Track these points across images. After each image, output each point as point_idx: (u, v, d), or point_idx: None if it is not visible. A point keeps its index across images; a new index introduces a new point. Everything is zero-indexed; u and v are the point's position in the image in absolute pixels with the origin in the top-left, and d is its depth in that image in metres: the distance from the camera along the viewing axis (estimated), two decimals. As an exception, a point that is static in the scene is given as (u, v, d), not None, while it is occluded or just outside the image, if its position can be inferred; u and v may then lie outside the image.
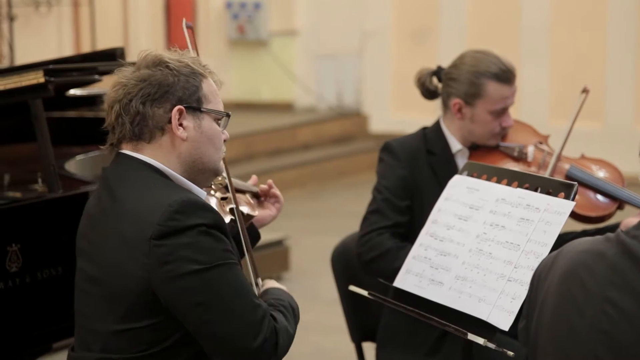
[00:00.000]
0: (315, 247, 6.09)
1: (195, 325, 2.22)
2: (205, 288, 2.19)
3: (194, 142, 2.32)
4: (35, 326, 3.10)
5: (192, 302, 2.19)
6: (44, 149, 3.18)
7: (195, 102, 2.32)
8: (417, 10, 9.83)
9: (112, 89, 2.34)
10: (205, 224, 2.21)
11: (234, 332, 2.21)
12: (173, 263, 2.18)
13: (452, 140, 3.33)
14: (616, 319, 1.81)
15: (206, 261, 2.19)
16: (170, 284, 2.18)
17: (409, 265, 2.79)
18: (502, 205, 2.66)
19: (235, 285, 2.22)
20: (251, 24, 10.20)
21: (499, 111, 3.27)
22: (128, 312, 2.23)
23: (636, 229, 1.88)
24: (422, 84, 3.41)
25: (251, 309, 2.23)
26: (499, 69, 3.25)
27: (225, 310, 2.20)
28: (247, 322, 2.22)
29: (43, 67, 3.19)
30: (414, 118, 10.21)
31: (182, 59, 2.35)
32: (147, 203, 2.23)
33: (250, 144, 8.88)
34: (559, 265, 1.94)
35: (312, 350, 5.05)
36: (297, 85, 10.21)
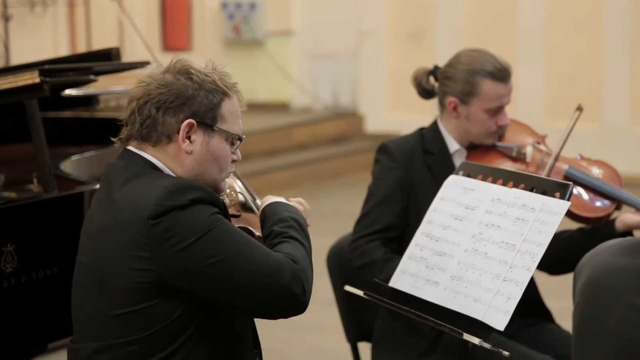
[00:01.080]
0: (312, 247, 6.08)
1: (218, 286, 2.22)
2: (214, 246, 2.21)
3: (198, 157, 2.33)
4: (30, 326, 3.10)
5: (206, 264, 2.20)
6: (40, 149, 3.18)
7: (210, 119, 2.32)
8: (413, 10, 9.84)
9: (136, 84, 2.36)
10: (199, 198, 2.23)
11: (258, 274, 2.22)
12: (175, 237, 2.19)
13: (449, 140, 3.32)
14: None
15: (206, 226, 2.21)
16: (178, 256, 2.20)
17: (404, 265, 2.79)
18: (498, 206, 2.66)
19: (240, 236, 2.26)
20: (247, 24, 10.20)
21: (494, 109, 3.27)
22: (122, 296, 2.24)
23: None
24: (419, 84, 3.41)
25: (266, 252, 2.26)
26: (494, 67, 3.26)
27: (241, 256, 2.22)
28: (268, 262, 2.23)
29: (38, 67, 3.18)
30: (410, 118, 10.22)
31: (209, 73, 2.34)
32: (142, 188, 2.25)
33: (246, 144, 8.73)
34: (591, 266, 1.93)
35: (308, 350, 5.05)
36: (293, 86, 10.21)
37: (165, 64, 2.39)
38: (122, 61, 4.01)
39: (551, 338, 3.24)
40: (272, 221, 2.43)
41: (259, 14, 10.23)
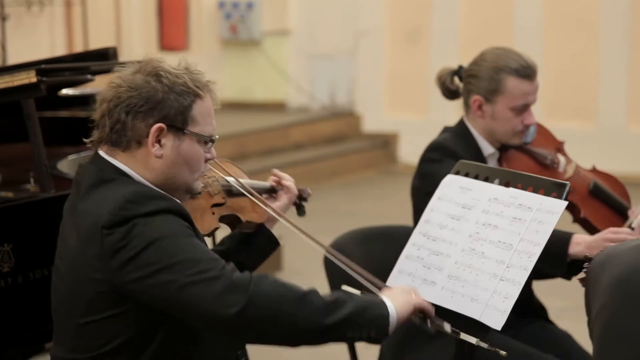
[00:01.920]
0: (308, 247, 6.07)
1: (162, 294, 2.17)
2: (159, 257, 2.16)
3: (168, 161, 2.30)
4: (27, 327, 3.09)
5: (150, 272, 2.16)
6: (36, 149, 3.18)
7: (181, 122, 2.29)
8: (411, 10, 9.84)
9: (107, 85, 2.33)
10: (157, 209, 2.20)
11: (197, 291, 2.14)
12: (124, 248, 2.17)
13: (482, 143, 3.26)
14: None
15: (158, 235, 2.17)
16: (125, 267, 2.18)
17: (401, 265, 2.79)
18: (495, 205, 2.66)
19: (192, 248, 2.18)
20: (244, 23, 10.20)
21: (520, 108, 3.21)
22: (88, 305, 2.24)
23: None
24: (443, 84, 3.35)
25: (212, 258, 2.18)
26: (520, 65, 3.21)
27: (183, 269, 2.15)
28: (207, 275, 2.15)
29: (35, 66, 3.18)
30: (406, 118, 10.24)
31: (180, 74, 2.30)
32: (105, 197, 2.23)
33: (243, 143, 8.88)
34: (615, 266, 1.91)
35: (305, 350, 5.04)
36: (290, 85, 10.21)
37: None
38: (119, 61, 4.00)
39: (551, 337, 3.24)
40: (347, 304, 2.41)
41: (256, 13, 10.22)
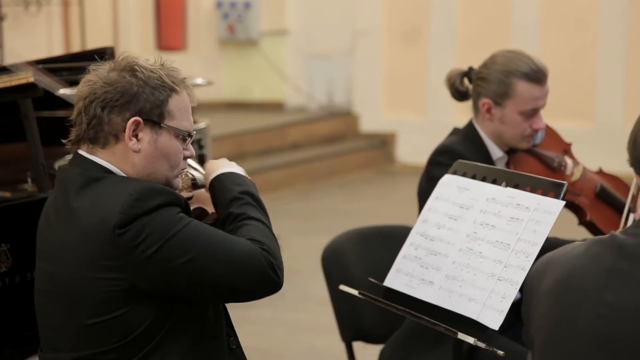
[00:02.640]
0: (306, 246, 6.09)
1: (195, 283, 2.23)
2: (183, 246, 2.21)
3: (146, 155, 2.30)
4: (24, 326, 3.09)
5: (178, 264, 2.20)
6: (34, 149, 3.18)
7: (157, 116, 2.29)
8: (408, 10, 9.84)
9: (82, 84, 2.33)
10: (164, 203, 2.22)
11: (230, 266, 2.24)
12: (144, 243, 2.19)
13: (491, 146, 3.25)
14: (612, 320, 1.80)
15: (172, 228, 2.21)
16: (149, 262, 2.19)
17: (399, 264, 2.79)
18: (493, 205, 2.66)
19: (208, 230, 2.26)
20: (241, 23, 10.20)
21: (529, 112, 3.20)
22: (96, 305, 2.23)
23: (634, 227, 1.88)
24: (452, 85, 3.33)
25: (233, 242, 2.26)
26: (530, 69, 3.19)
27: (210, 251, 2.23)
28: (237, 253, 2.25)
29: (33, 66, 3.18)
30: (404, 118, 10.24)
31: (155, 69, 2.31)
32: (106, 196, 2.23)
33: (241, 143, 8.88)
34: (554, 271, 1.93)
35: (303, 350, 5.05)
36: (288, 85, 10.21)
37: None
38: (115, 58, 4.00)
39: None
40: (225, 201, 2.42)
41: (253, 13, 10.22)
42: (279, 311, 5.08)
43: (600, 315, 1.82)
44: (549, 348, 1.91)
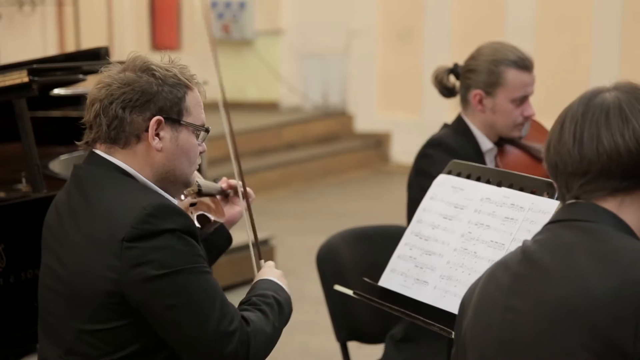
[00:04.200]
0: (301, 246, 6.09)
1: (166, 328, 2.22)
2: (177, 291, 2.19)
3: (168, 153, 2.30)
4: (19, 327, 3.09)
5: (164, 305, 2.19)
6: (28, 149, 3.17)
7: (176, 114, 2.30)
8: (403, 10, 9.84)
9: (95, 86, 2.32)
10: (178, 229, 2.20)
11: (204, 337, 2.20)
12: (145, 265, 2.17)
13: (481, 138, 3.30)
14: (517, 325, 1.81)
15: (178, 264, 2.19)
16: (141, 286, 2.18)
17: (394, 264, 2.79)
18: (487, 205, 2.66)
19: (207, 289, 2.22)
20: (236, 23, 10.19)
21: (519, 99, 3.26)
22: (94, 313, 2.23)
23: (538, 234, 1.89)
24: (440, 82, 3.38)
25: (222, 316, 2.22)
26: (517, 57, 3.26)
27: (196, 313, 2.19)
28: (218, 328, 2.20)
29: (27, 66, 3.17)
30: (399, 117, 10.24)
31: (169, 67, 2.32)
32: (120, 205, 2.22)
33: (236, 143, 8.87)
34: (479, 285, 1.94)
35: (298, 350, 5.05)
36: (283, 85, 10.21)
37: None
38: (111, 60, 4.00)
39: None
40: (255, 291, 2.42)
41: (248, 13, 10.22)
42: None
43: (507, 321, 1.82)
44: (470, 357, 1.91)
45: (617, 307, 1.70)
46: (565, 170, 1.84)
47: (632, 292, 1.71)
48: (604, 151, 1.80)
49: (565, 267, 1.79)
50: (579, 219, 1.83)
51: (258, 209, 3.01)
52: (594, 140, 1.81)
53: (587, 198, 1.84)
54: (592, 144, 1.81)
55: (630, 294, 1.70)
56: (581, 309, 1.73)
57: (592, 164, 1.81)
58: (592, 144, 1.81)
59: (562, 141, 1.85)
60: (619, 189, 1.82)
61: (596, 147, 1.81)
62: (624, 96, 1.85)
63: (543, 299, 1.79)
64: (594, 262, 1.76)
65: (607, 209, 1.82)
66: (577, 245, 1.80)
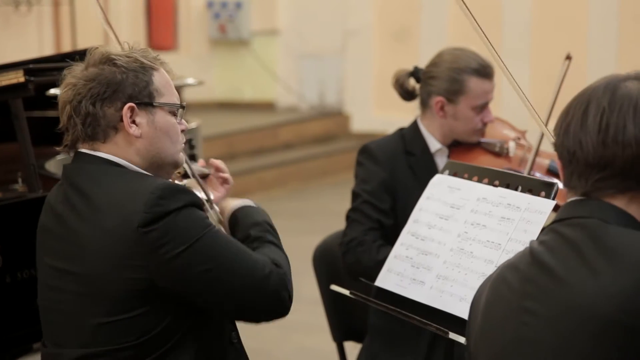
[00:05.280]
0: (297, 246, 6.08)
1: (215, 292, 2.24)
2: (206, 254, 2.22)
3: (149, 138, 2.31)
4: (15, 327, 3.08)
5: (200, 271, 2.21)
6: (24, 149, 3.17)
7: (147, 97, 2.30)
8: (399, 10, 9.85)
9: (62, 89, 2.33)
10: (187, 204, 2.23)
11: (247, 280, 2.25)
12: (166, 245, 2.19)
13: (430, 139, 3.34)
14: (536, 326, 1.80)
15: (197, 234, 2.21)
16: (169, 265, 2.19)
17: (390, 264, 2.79)
18: (483, 205, 2.66)
19: (230, 245, 2.27)
20: (232, 23, 10.19)
21: (480, 107, 3.29)
22: (116, 303, 2.22)
23: (543, 234, 1.87)
24: (401, 85, 3.42)
25: (255, 261, 2.28)
26: (479, 65, 3.29)
27: (231, 263, 2.24)
28: (255, 268, 2.26)
29: (23, 66, 3.17)
30: (395, 118, 10.22)
31: (130, 53, 2.33)
32: (125, 193, 2.23)
33: (232, 143, 8.87)
34: (488, 287, 1.93)
35: (294, 350, 5.05)
36: (279, 85, 10.21)
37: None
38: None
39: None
40: (247, 224, 2.46)
41: (244, 13, 10.21)
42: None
43: (525, 323, 1.81)
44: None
45: (632, 301, 1.69)
46: (584, 159, 1.80)
47: None
48: (629, 146, 1.77)
49: (573, 267, 1.77)
50: (582, 215, 1.81)
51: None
52: (620, 133, 1.77)
53: (597, 195, 1.81)
54: (617, 137, 1.77)
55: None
56: (595, 308, 1.71)
57: (615, 158, 1.77)
58: (618, 138, 1.77)
59: (584, 129, 1.80)
60: (631, 188, 1.79)
61: (622, 141, 1.77)
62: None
63: (558, 302, 1.76)
64: (601, 259, 1.74)
65: (616, 205, 1.80)
66: (583, 244, 1.78)
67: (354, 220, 3.23)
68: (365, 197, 3.24)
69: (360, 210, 3.23)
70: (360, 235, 3.18)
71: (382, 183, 3.24)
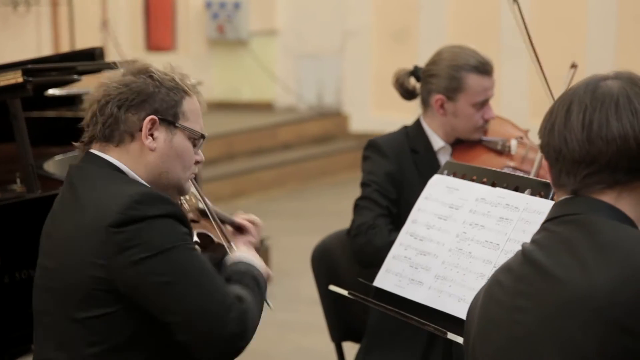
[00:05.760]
0: (296, 246, 6.08)
1: (163, 306, 2.21)
2: (170, 267, 2.19)
3: (162, 154, 2.32)
4: (14, 327, 3.08)
5: (159, 283, 2.19)
6: (23, 149, 3.17)
7: (172, 116, 2.32)
8: (398, 10, 9.85)
9: (96, 87, 2.36)
10: (165, 214, 2.21)
11: (203, 309, 2.20)
12: (133, 248, 2.18)
13: (434, 137, 3.34)
14: (529, 324, 1.81)
15: (167, 244, 2.19)
16: (131, 269, 2.18)
17: (388, 264, 2.79)
18: (482, 205, 2.67)
19: (200, 264, 2.23)
20: (231, 23, 10.19)
21: (480, 103, 3.30)
22: (82, 300, 2.23)
23: (535, 234, 1.89)
24: (401, 85, 3.43)
25: (218, 289, 2.23)
26: (478, 62, 3.30)
27: (193, 286, 2.20)
28: (216, 301, 2.21)
29: (21, 66, 3.17)
30: (394, 117, 10.22)
31: (169, 72, 2.35)
32: (107, 194, 2.24)
33: (231, 143, 8.87)
34: (483, 291, 1.94)
35: (292, 350, 5.05)
36: (278, 85, 10.21)
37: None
38: (106, 61, 4.00)
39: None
40: (231, 270, 2.41)
41: (243, 13, 10.21)
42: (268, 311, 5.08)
43: (517, 322, 1.82)
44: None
45: (623, 294, 1.70)
46: (571, 156, 1.82)
47: (637, 279, 1.70)
48: (613, 141, 1.79)
49: (565, 263, 1.78)
50: (572, 213, 1.82)
51: (253, 209, 3.01)
52: (603, 129, 1.79)
53: (586, 192, 1.82)
54: (601, 132, 1.79)
55: (635, 280, 1.70)
56: (587, 300, 1.72)
57: (601, 153, 1.79)
58: (602, 133, 1.79)
59: (568, 127, 1.82)
60: (620, 182, 1.81)
61: (606, 136, 1.79)
62: (630, 87, 1.83)
63: (549, 298, 1.78)
64: (593, 254, 1.76)
65: (605, 201, 1.81)
66: (574, 240, 1.79)
67: (364, 207, 3.22)
68: (374, 186, 3.24)
69: (369, 198, 3.23)
70: (371, 219, 3.18)
71: (389, 175, 3.25)
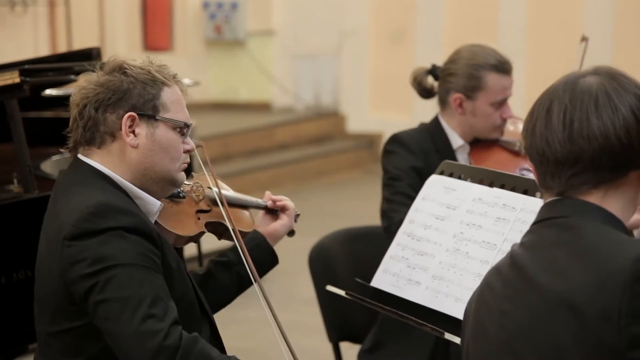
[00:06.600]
0: (293, 247, 6.07)
1: (99, 323, 2.18)
2: (106, 286, 2.15)
3: (145, 150, 2.30)
4: (11, 327, 3.08)
5: (96, 301, 2.16)
6: (20, 150, 3.17)
7: (151, 109, 2.30)
8: (395, 10, 9.85)
9: (74, 91, 2.35)
10: (121, 227, 2.18)
11: (124, 331, 2.13)
12: (80, 263, 2.16)
13: (453, 136, 3.33)
14: (512, 330, 1.81)
15: (113, 260, 2.15)
16: (79, 284, 2.17)
17: (386, 265, 2.79)
18: (479, 205, 2.67)
19: (139, 286, 2.15)
20: (228, 24, 10.18)
21: (499, 102, 3.30)
22: (54, 313, 2.24)
23: (524, 236, 1.89)
24: (419, 83, 3.41)
25: (149, 315, 2.14)
26: (497, 60, 3.29)
27: (121, 308, 2.14)
28: (140, 326, 2.13)
29: (19, 67, 3.17)
30: (391, 118, 10.24)
31: (144, 66, 2.33)
32: (72, 203, 2.23)
33: (228, 144, 8.87)
34: (476, 295, 1.94)
35: (290, 351, 5.04)
36: (275, 85, 10.20)
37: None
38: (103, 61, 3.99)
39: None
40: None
41: (240, 13, 10.21)
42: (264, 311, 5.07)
43: (503, 326, 1.82)
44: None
45: (599, 298, 1.70)
46: (554, 158, 1.81)
47: (612, 283, 1.70)
48: (595, 139, 1.78)
49: (547, 267, 1.78)
50: (560, 215, 1.82)
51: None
52: (584, 128, 1.78)
53: (572, 193, 1.82)
54: (582, 131, 1.78)
55: (610, 285, 1.70)
56: (567, 305, 1.73)
57: (583, 152, 1.78)
58: (583, 132, 1.78)
59: (549, 127, 1.81)
60: (605, 180, 1.80)
61: (587, 134, 1.78)
62: (608, 83, 1.81)
63: (529, 302, 1.78)
64: (573, 259, 1.76)
65: (591, 202, 1.81)
66: (558, 245, 1.79)
67: (400, 203, 3.17)
68: (406, 180, 3.21)
69: (403, 193, 3.20)
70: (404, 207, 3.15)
71: (415, 170, 3.22)
